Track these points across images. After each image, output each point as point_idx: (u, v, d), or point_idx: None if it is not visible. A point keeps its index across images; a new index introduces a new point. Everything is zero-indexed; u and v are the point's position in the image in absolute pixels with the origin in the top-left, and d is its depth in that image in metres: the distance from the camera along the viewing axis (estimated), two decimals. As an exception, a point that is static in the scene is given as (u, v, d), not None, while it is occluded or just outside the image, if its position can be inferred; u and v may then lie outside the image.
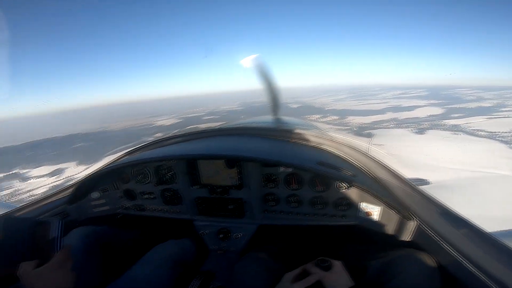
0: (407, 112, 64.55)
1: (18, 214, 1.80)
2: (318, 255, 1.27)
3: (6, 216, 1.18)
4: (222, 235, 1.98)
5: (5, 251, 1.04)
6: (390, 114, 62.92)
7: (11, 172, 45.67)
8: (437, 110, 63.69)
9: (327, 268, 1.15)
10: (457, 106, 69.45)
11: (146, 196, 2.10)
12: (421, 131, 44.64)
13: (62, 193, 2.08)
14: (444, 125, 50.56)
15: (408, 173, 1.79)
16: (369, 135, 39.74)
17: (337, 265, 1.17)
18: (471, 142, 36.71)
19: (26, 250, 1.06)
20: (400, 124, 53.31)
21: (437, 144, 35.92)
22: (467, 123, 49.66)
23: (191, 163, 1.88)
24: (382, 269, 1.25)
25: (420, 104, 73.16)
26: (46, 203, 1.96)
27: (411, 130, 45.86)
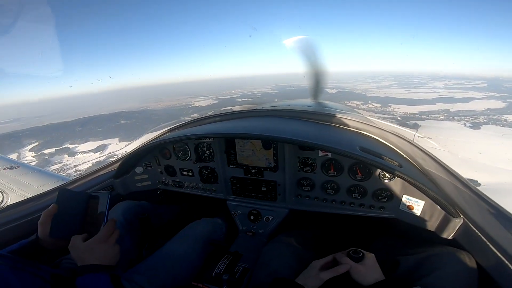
0: (461, 104, 58.47)
1: (71, 187, 1.94)
2: (350, 245, 1.24)
3: (61, 189, 1.27)
4: (252, 217, 2.01)
5: (60, 223, 1.12)
6: (441, 105, 57.55)
7: (62, 147, 50.28)
8: (497, 104, 56.77)
9: (359, 259, 1.12)
10: (523, 100, 61.16)
11: (185, 173, 2.19)
12: (476, 126, 40.20)
13: (110, 167, 2.22)
14: (504, 120, 45.22)
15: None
16: (415, 126, 36.58)
17: (370, 257, 1.14)
18: (535, 142, 32.36)
19: (79, 223, 1.15)
20: (452, 116, 48.77)
21: (494, 141, 32.26)
22: (533, 120, 43.86)
23: (229, 142, 1.91)
24: (416, 265, 1.21)
25: (477, 96, 65.71)
26: (96, 177, 2.11)
27: (465, 123, 41.64)
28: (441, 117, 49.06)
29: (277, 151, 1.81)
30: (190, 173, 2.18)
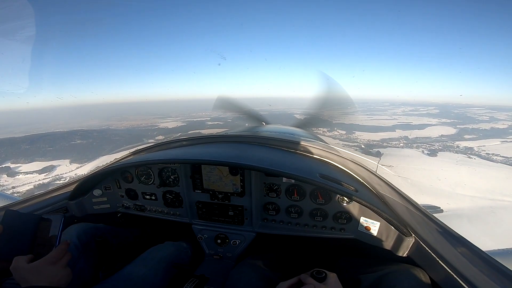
0: (417, 130, 62.98)
1: (19, 207, 1.84)
2: (314, 266, 1.28)
3: (8, 209, 1.19)
4: (219, 241, 2.00)
5: (4, 244, 1.08)
6: (400, 131, 61.35)
7: (2, 166, 44.53)
8: (449, 130, 61.85)
9: (322, 279, 1.16)
10: (470, 126, 67.37)
11: (148, 197, 2.14)
12: (433, 153, 42.96)
13: (64, 189, 2.11)
14: (456, 147, 48.92)
15: (421, 200, 1.79)
16: (378, 154, 37.80)
17: (332, 277, 1.19)
18: (486, 167, 35.38)
19: (26, 245, 1.10)
20: (410, 143, 51.96)
21: (451, 168, 34.44)
22: (481, 146, 48.14)
23: (195, 167, 1.93)
24: (376, 282, 1.30)
25: (431, 123, 71.23)
26: (48, 198, 2.01)
27: (423, 151, 44.13)
28: (401, 144, 51.78)
29: (244, 177, 1.87)
30: (153, 197, 2.14)
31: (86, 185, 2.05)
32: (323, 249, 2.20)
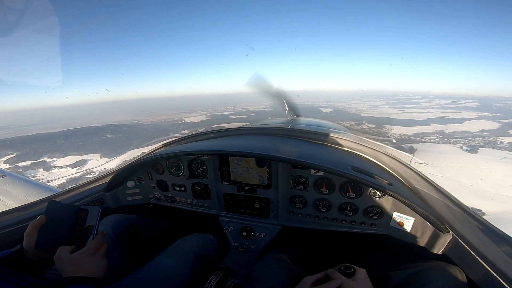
0: (455, 125, 58.60)
1: (60, 198, 1.94)
2: (341, 261, 1.26)
3: (51, 201, 1.25)
4: (245, 233, 2.02)
5: (47, 235, 1.13)
6: (435, 126, 57.49)
7: (39, 160, 47.66)
8: (491, 125, 56.91)
9: (350, 275, 1.13)
10: (514, 120, 60.90)
11: (178, 188, 2.20)
12: (473, 149, 39.45)
13: (100, 181, 2.22)
14: (500, 143, 44.90)
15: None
16: (411, 150, 35.26)
17: (361, 273, 1.15)
18: (536, 166, 31.35)
19: (67, 235, 1.16)
20: (447, 138, 48.49)
21: (494, 166, 31.22)
22: (528, 142, 43.09)
23: (223, 159, 1.95)
24: (407, 280, 1.25)
25: (470, 117, 65.96)
26: (86, 189, 2.11)
27: (461, 147, 40.70)
28: (436, 139, 48.71)
29: (271, 169, 1.86)
30: (182, 189, 2.20)
31: (120, 176, 2.15)
32: (350, 245, 2.18)
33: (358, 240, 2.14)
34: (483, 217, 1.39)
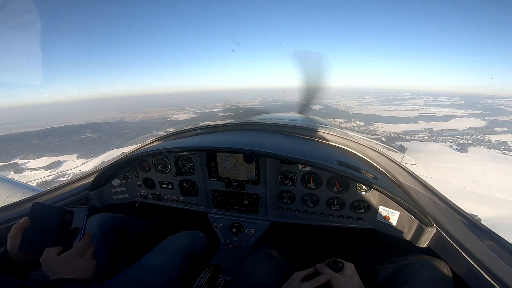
0: (442, 122, 59.03)
1: (42, 198, 1.89)
2: (330, 256, 1.29)
3: (35, 203, 1.22)
4: (234, 229, 2.03)
5: (32, 237, 1.11)
6: (423, 123, 57.87)
7: (10, 162, 44.89)
8: (478, 122, 57.77)
9: (339, 269, 1.16)
10: (500, 118, 61.75)
11: (165, 186, 2.18)
12: (462, 148, 39.56)
13: (85, 179, 2.17)
14: (488, 141, 45.45)
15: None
16: (401, 149, 34.26)
17: (349, 267, 1.18)
18: (525, 166, 30.97)
19: (52, 237, 1.13)
20: (436, 136, 49.16)
21: (485, 166, 30.78)
22: (514, 140, 43.03)
23: (210, 155, 1.95)
24: (394, 273, 1.28)
25: (456, 114, 66.63)
26: (70, 189, 2.05)
27: (451, 145, 40.68)
28: (425, 137, 49.51)
29: (259, 164, 1.87)
30: (170, 186, 2.18)
31: (105, 175, 2.10)
32: (339, 239, 2.21)
33: (347, 235, 2.18)
34: (467, 212, 1.40)
